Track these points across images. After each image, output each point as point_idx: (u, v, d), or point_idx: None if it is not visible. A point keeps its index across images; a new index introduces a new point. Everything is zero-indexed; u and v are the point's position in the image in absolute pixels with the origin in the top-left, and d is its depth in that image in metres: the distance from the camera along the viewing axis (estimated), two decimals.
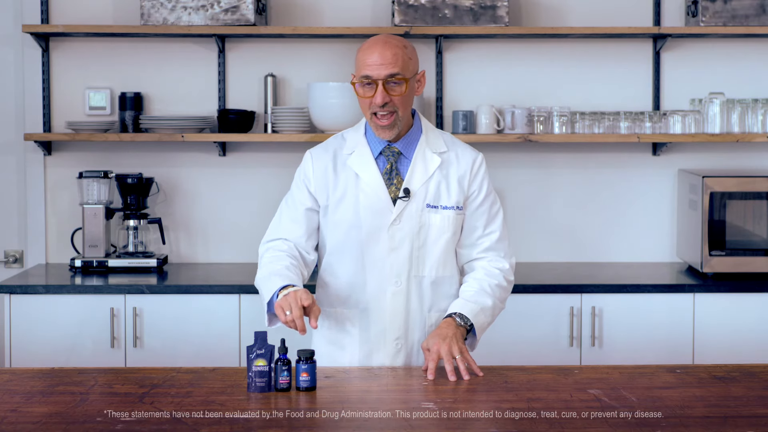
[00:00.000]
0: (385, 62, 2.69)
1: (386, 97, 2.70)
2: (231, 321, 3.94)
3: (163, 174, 4.46)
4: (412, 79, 2.75)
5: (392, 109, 2.72)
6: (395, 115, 2.73)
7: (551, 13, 4.46)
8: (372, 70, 2.70)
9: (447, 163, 2.83)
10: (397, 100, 2.72)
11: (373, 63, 2.70)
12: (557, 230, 4.50)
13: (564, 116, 4.30)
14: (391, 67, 2.69)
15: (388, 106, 2.71)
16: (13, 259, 4.52)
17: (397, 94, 2.71)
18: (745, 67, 4.48)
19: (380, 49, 2.71)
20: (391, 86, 2.71)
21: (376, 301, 2.79)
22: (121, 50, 4.45)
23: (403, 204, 2.77)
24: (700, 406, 2.35)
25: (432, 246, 2.79)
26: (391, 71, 2.69)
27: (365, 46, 2.74)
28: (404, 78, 2.71)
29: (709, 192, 4.10)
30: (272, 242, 2.84)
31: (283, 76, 4.46)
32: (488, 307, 2.77)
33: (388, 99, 2.70)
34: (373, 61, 2.70)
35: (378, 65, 2.69)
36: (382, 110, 2.72)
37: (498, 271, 2.83)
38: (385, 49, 2.71)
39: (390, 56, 2.70)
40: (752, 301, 3.98)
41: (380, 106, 2.70)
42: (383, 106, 2.71)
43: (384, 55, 2.70)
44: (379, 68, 2.69)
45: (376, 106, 2.71)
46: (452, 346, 2.62)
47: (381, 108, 2.71)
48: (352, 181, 2.80)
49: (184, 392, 2.44)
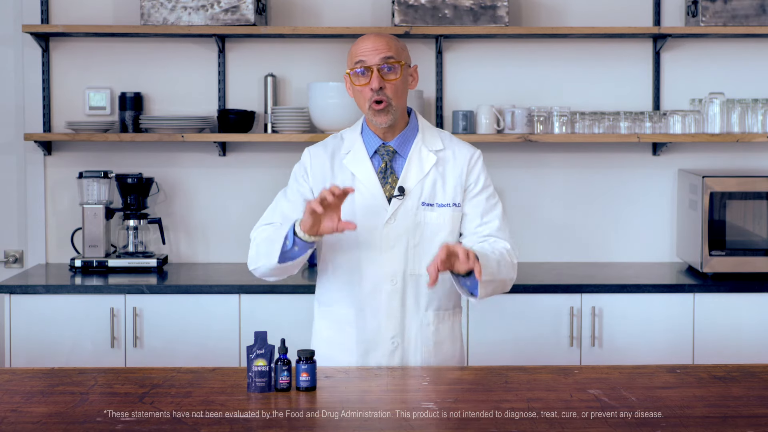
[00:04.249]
0: (378, 48, 2.74)
1: (381, 81, 2.73)
2: (231, 321, 3.94)
3: (163, 174, 4.46)
4: (406, 67, 2.78)
5: (387, 99, 2.74)
6: (389, 101, 2.75)
7: (551, 13, 4.46)
8: (366, 55, 2.74)
9: (443, 161, 2.83)
10: (391, 88, 2.74)
11: (366, 50, 2.75)
12: (557, 230, 4.50)
13: (564, 116, 4.30)
14: (386, 51, 2.74)
15: (383, 93, 2.73)
16: (13, 259, 4.52)
17: (391, 79, 2.74)
18: (745, 67, 4.48)
19: (373, 37, 2.78)
20: (385, 72, 2.74)
21: (372, 300, 2.79)
22: (121, 50, 4.45)
23: (398, 202, 2.77)
24: (700, 406, 2.35)
25: (428, 244, 2.79)
26: (385, 55, 2.74)
27: (358, 39, 2.81)
28: (398, 62, 2.75)
29: (709, 192, 4.10)
30: (267, 225, 2.83)
31: (283, 76, 4.46)
32: (493, 258, 2.70)
33: (383, 84, 2.73)
34: (367, 48, 2.75)
35: (372, 51, 2.74)
36: (378, 96, 2.74)
37: (501, 247, 2.78)
38: (377, 37, 2.77)
39: (383, 43, 2.75)
40: (752, 301, 3.98)
41: (376, 90, 2.72)
42: (379, 91, 2.73)
43: (377, 42, 2.75)
44: (373, 53, 2.74)
45: (373, 93, 2.73)
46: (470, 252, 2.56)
47: (377, 93, 2.73)
48: (348, 180, 2.81)
49: (184, 392, 2.44)
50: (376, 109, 2.75)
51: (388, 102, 2.75)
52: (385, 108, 2.75)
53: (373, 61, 2.73)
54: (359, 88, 2.76)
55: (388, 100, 2.74)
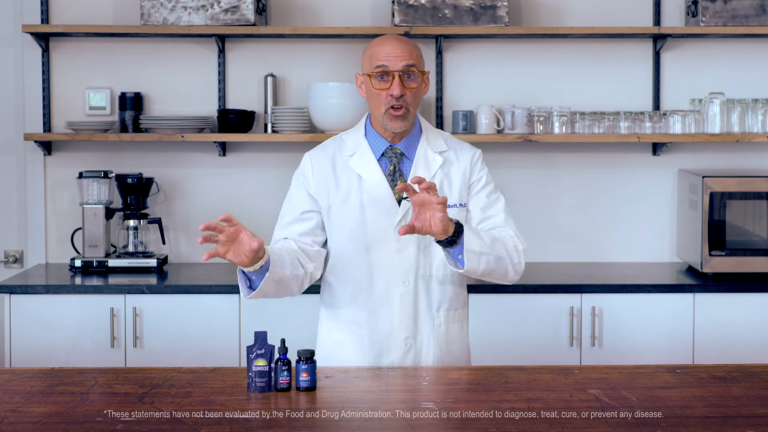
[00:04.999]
0: (402, 54, 2.73)
1: (402, 89, 2.72)
2: (231, 321, 3.94)
3: (163, 174, 4.46)
4: (425, 76, 2.79)
5: (406, 105, 2.74)
6: (407, 108, 2.75)
7: (551, 13, 4.46)
8: (389, 60, 2.72)
9: (448, 162, 2.84)
10: (410, 95, 2.74)
11: (389, 54, 2.73)
12: (557, 230, 4.50)
13: (564, 116, 4.30)
14: (408, 59, 2.73)
15: (402, 100, 2.73)
16: (13, 259, 4.52)
17: (413, 87, 2.74)
18: (745, 67, 4.48)
19: (395, 41, 2.75)
20: (406, 79, 2.73)
21: (385, 303, 2.79)
22: (121, 50, 4.45)
23: (407, 204, 2.77)
24: (700, 406, 2.35)
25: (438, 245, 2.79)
26: (408, 62, 2.73)
27: (378, 41, 2.77)
28: (420, 71, 2.75)
29: (709, 192, 4.10)
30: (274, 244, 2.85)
31: (283, 76, 4.46)
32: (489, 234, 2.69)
33: (404, 91, 2.72)
34: (390, 52, 2.73)
35: (395, 56, 2.72)
36: (398, 102, 2.73)
37: (505, 233, 2.78)
38: (400, 43, 2.75)
39: (406, 49, 2.74)
40: (752, 301, 3.98)
41: (397, 98, 2.71)
42: (399, 98, 2.72)
43: (400, 48, 2.73)
44: (396, 59, 2.72)
45: (393, 99, 2.72)
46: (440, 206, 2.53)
47: (397, 100, 2.72)
48: (354, 182, 2.81)
49: (184, 392, 2.44)
50: (395, 114, 2.74)
51: (407, 108, 2.75)
52: (403, 114, 2.75)
53: (396, 68, 2.72)
54: (377, 91, 2.75)
55: (407, 106, 2.74)
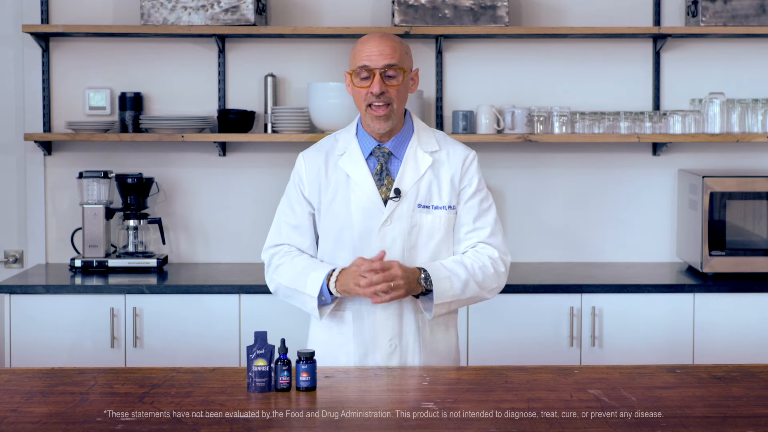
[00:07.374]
0: (383, 53, 2.74)
1: (383, 86, 2.73)
2: (231, 321, 3.94)
3: (163, 174, 4.46)
4: (408, 73, 2.78)
5: (388, 101, 2.74)
6: (390, 107, 2.75)
7: (551, 13, 4.46)
8: (370, 59, 2.74)
9: (438, 163, 2.83)
10: (393, 92, 2.74)
11: (370, 53, 2.74)
12: (557, 230, 4.50)
13: (564, 116, 4.30)
14: (389, 57, 2.74)
15: (384, 97, 2.74)
16: (13, 259, 4.52)
17: (393, 85, 2.74)
18: (745, 67, 4.48)
19: (378, 40, 2.76)
20: (387, 77, 2.74)
21: (369, 303, 2.78)
22: (121, 50, 4.45)
23: (393, 204, 2.77)
24: (699, 406, 2.35)
25: (423, 246, 2.79)
26: (389, 62, 2.74)
27: (362, 40, 2.79)
28: (401, 68, 2.74)
29: (709, 192, 4.10)
30: (277, 247, 2.85)
31: (283, 76, 4.46)
32: (460, 279, 2.75)
33: (384, 89, 2.73)
34: (371, 51, 2.74)
35: (376, 55, 2.73)
36: (378, 100, 2.73)
37: (486, 257, 2.80)
38: (383, 41, 2.76)
39: (388, 48, 2.75)
40: (752, 301, 3.98)
41: (377, 95, 2.72)
42: (379, 96, 2.72)
43: (382, 47, 2.74)
44: (377, 58, 2.73)
45: (373, 96, 2.73)
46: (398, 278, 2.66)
47: (377, 98, 2.73)
48: (343, 182, 2.81)
49: (184, 392, 2.44)
50: (375, 114, 2.75)
51: (390, 108, 2.75)
52: (386, 115, 2.75)
53: (377, 66, 2.73)
54: (358, 89, 2.76)
55: (389, 103, 2.75)
